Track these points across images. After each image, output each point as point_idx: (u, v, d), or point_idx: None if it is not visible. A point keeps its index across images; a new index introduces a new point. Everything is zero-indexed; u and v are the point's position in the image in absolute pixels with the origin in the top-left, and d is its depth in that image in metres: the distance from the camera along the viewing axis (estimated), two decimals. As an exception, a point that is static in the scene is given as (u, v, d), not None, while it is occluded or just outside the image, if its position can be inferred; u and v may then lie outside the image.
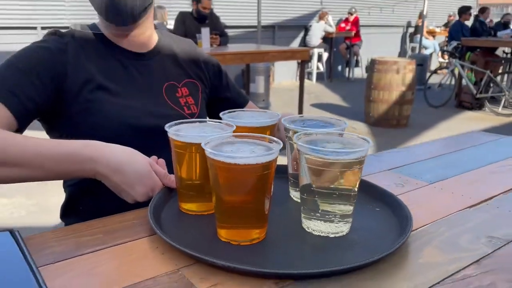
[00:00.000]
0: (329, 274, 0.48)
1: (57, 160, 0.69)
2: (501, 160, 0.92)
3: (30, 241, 0.49)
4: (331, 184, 0.56)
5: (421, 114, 5.82)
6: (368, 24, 9.63)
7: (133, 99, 0.89)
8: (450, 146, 1.09)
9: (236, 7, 7.57)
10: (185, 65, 1.01)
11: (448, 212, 0.67)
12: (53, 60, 0.84)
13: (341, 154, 0.55)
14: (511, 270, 0.51)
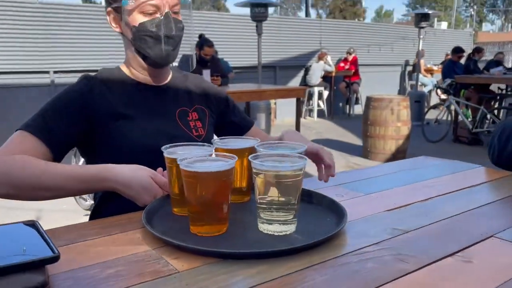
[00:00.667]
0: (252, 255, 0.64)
1: (83, 182, 0.91)
2: (427, 179, 1.10)
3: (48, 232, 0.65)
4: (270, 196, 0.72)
5: (419, 149, 5.96)
6: (368, 63, 9.98)
7: (150, 123, 1.06)
8: (396, 167, 1.26)
9: (239, 49, 7.95)
10: (195, 93, 1.18)
11: (370, 213, 0.84)
12: (82, 101, 1.02)
13: (277, 167, 0.72)
14: (398, 248, 0.67)
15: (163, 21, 1.02)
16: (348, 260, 0.65)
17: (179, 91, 1.17)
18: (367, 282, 0.58)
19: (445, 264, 0.63)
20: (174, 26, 1.04)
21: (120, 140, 1.03)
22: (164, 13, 1.02)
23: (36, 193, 0.91)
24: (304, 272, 0.61)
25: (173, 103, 1.14)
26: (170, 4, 1.03)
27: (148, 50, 1.05)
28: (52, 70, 6.09)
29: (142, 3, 1.01)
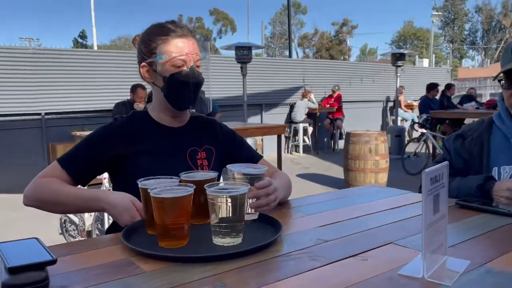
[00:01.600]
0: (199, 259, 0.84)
1: (84, 201, 1.20)
2: (363, 202, 1.34)
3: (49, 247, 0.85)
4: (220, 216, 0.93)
5: (399, 181, 6.19)
6: (351, 99, 10.39)
7: (164, 160, 1.28)
8: (343, 194, 1.49)
9: (226, 88, 8.29)
10: (205, 135, 1.40)
11: (305, 228, 1.06)
12: (106, 142, 1.30)
13: (224, 192, 0.94)
14: (315, 252, 0.87)
15: (189, 72, 1.27)
16: (277, 260, 0.86)
17: (192, 133, 1.39)
18: (285, 272, 0.79)
19: (346, 262, 0.85)
20: (198, 76, 1.29)
21: (136, 173, 1.20)
22: (190, 66, 1.28)
23: (53, 207, 1.24)
24: (240, 269, 0.81)
25: (186, 143, 1.35)
26: (195, 59, 1.29)
27: (174, 95, 1.29)
28: (44, 112, 6.31)
29: (173, 58, 1.26)
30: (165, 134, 1.35)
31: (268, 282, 0.76)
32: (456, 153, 1.52)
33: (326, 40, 41.57)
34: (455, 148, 1.53)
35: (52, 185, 1.22)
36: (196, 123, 1.43)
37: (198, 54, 1.31)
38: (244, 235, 0.97)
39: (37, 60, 6.27)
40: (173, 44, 1.27)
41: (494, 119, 1.49)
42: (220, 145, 1.42)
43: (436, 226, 0.80)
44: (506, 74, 1.40)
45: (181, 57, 1.27)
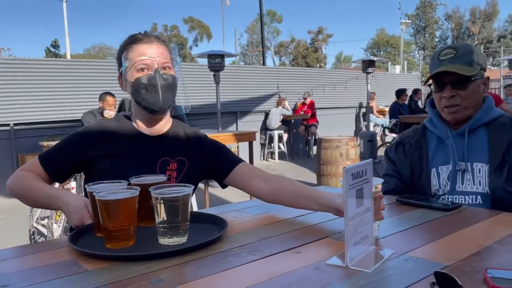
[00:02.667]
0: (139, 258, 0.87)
1: (47, 197, 1.24)
2: None
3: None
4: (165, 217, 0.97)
5: (370, 184, 6.34)
6: (324, 106, 10.56)
7: (133, 168, 1.24)
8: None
9: (200, 96, 8.32)
10: (181, 146, 1.39)
11: (251, 227, 1.11)
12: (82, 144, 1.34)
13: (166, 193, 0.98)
14: (254, 247, 0.90)
15: (154, 75, 1.28)
16: (217, 256, 0.90)
17: (168, 143, 1.39)
18: (223, 266, 0.84)
19: (280, 255, 0.90)
20: (161, 78, 1.29)
21: (102, 177, 1.21)
22: (154, 69, 1.29)
23: (25, 200, 1.30)
24: (179, 265, 0.86)
25: (159, 153, 1.35)
26: (160, 63, 1.30)
27: (143, 99, 1.30)
28: (12, 123, 6.21)
29: (136, 62, 1.29)
30: (140, 142, 1.36)
31: (203, 275, 0.80)
32: (400, 161, 1.60)
33: (302, 48, 42.11)
34: (398, 157, 1.61)
35: (26, 180, 1.28)
36: (176, 132, 1.43)
37: (166, 57, 1.33)
38: (191, 233, 1.01)
39: (5, 70, 6.17)
40: (136, 50, 1.31)
41: (427, 124, 1.59)
42: (196, 157, 1.41)
43: (361, 218, 0.87)
44: (435, 79, 1.51)
45: (143, 61, 1.29)
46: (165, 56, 1.33)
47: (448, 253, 0.88)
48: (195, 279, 0.79)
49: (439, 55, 1.50)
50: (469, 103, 1.47)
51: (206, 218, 1.15)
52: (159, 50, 1.32)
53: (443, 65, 1.47)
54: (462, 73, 1.42)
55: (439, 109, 1.53)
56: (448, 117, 1.50)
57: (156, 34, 1.39)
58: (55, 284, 0.79)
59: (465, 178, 1.44)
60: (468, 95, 1.46)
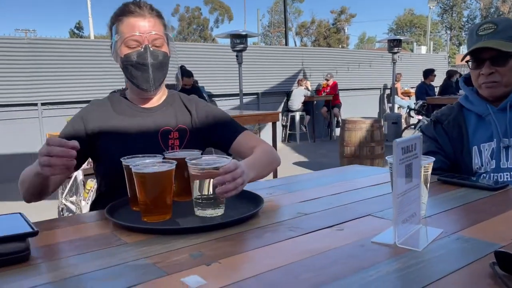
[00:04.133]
0: (179, 231, 0.86)
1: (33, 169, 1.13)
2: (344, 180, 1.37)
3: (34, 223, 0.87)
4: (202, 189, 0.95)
5: (394, 167, 6.23)
6: (348, 87, 10.38)
7: (134, 141, 1.26)
8: (326, 173, 1.52)
9: (222, 77, 8.28)
10: (180, 114, 1.35)
11: (286, 204, 1.08)
12: (82, 124, 1.30)
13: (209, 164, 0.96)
14: (293, 223, 0.88)
15: (143, 52, 1.23)
16: (255, 231, 0.88)
17: (166, 112, 1.35)
18: (262, 242, 0.81)
19: (322, 232, 0.87)
20: (151, 55, 1.23)
21: (105, 155, 1.25)
22: (144, 46, 1.23)
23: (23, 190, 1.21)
24: (218, 239, 0.84)
25: (158, 123, 1.31)
26: (150, 39, 1.23)
27: (132, 77, 1.26)
28: (40, 103, 6.31)
29: (125, 38, 1.23)
30: (137, 115, 1.33)
31: (243, 251, 0.78)
32: (441, 138, 1.54)
33: (324, 29, 41.35)
34: (438, 134, 1.54)
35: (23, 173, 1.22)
36: (172, 101, 1.38)
37: (159, 33, 1.26)
38: (226, 209, 0.99)
39: (32, 50, 6.25)
40: (127, 23, 1.24)
41: (463, 103, 1.52)
42: (196, 124, 1.37)
43: (409, 195, 0.82)
44: (473, 55, 1.43)
45: (133, 36, 1.23)
46: (158, 31, 1.26)
47: (502, 233, 0.83)
48: (235, 254, 0.77)
49: (478, 30, 1.42)
50: (509, 80, 1.40)
51: (240, 194, 1.12)
52: (151, 24, 1.25)
53: (482, 40, 1.39)
54: (502, 49, 1.35)
55: (476, 86, 1.47)
56: (486, 92, 1.44)
57: (150, 6, 1.29)
58: (96, 255, 0.78)
59: (510, 155, 1.38)
60: (508, 71, 1.39)
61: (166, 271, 0.69)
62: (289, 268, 0.69)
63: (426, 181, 0.95)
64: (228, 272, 0.69)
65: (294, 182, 1.35)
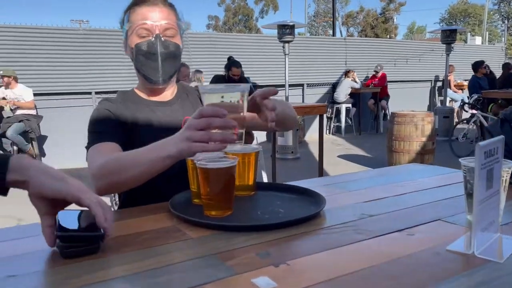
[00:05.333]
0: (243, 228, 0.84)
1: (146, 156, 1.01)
2: (406, 180, 1.30)
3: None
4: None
5: (445, 164, 5.95)
6: (396, 79, 10.05)
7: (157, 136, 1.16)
8: (384, 171, 1.46)
9: (267, 68, 8.25)
10: (196, 105, 1.34)
11: (348, 203, 1.05)
12: (114, 115, 1.23)
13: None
14: (359, 225, 0.84)
15: (153, 42, 1.18)
16: (319, 233, 0.86)
17: (183, 105, 1.32)
18: (329, 244, 0.79)
19: (391, 236, 0.83)
20: (162, 46, 1.18)
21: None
22: (155, 35, 1.18)
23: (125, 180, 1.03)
24: (284, 238, 0.82)
25: (178, 116, 1.28)
26: (161, 29, 1.19)
27: (142, 68, 1.22)
28: (94, 91, 6.56)
29: (136, 26, 1.19)
30: (155, 110, 1.28)
31: (311, 252, 0.76)
32: (509, 137, 1.44)
33: (372, 18, 40.16)
34: (506, 134, 1.44)
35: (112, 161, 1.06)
36: (185, 94, 1.36)
37: (171, 23, 1.21)
38: (286, 207, 0.98)
39: (87, 41, 6.49)
40: (138, 12, 1.21)
41: None
42: None
43: (488, 202, 0.77)
44: None
45: (143, 25, 1.19)
46: (170, 21, 1.21)
47: None
48: (303, 255, 0.75)
49: None
50: None
51: (299, 191, 1.11)
52: (163, 14, 1.21)
53: None
54: None
55: None
56: None
57: None
58: (164, 250, 0.78)
59: None
60: None
61: (235, 270, 0.69)
62: (365, 273, 0.67)
63: (505, 186, 0.88)
64: (298, 275, 0.67)
65: (352, 181, 1.31)
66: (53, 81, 6.37)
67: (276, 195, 1.11)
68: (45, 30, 6.46)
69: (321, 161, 4.42)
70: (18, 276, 0.68)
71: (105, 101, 1.29)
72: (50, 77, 6.35)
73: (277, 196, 1.10)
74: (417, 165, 1.55)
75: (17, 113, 5.68)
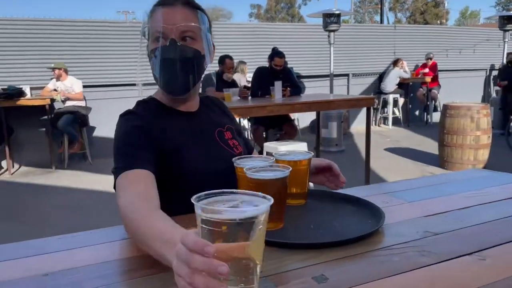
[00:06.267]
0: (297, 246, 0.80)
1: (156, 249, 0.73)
2: (471, 190, 1.19)
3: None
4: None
5: (502, 159, 5.64)
6: (448, 68, 9.57)
7: (196, 150, 1.11)
8: (445, 178, 1.36)
9: (311, 58, 8.09)
10: (222, 115, 1.27)
11: (408, 218, 0.97)
12: (146, 133, 1.06)
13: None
14: (423, 246, 0.78)
15: (167, 47, 1.04)
16: (379, 253, 0.79)
17: (210, 114, 1.23)
18: (391, 269, 0.72)
19: (460, 260, 0.75)
20: (176, 51, 1.04)
21: (181, 170, 1.07)
22: (169, 40, 1.04)
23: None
24: (341, 260, 0.76)
25: (209, 126, 1.19)
26: (178, 32, 1.05)
27: (158, 75, 1.08)
28: (141, 83, 6.70)
29: (152, 30, 1.07)
30: (186, 121, 1.16)
31: (372, 279, 0.70)
32: None
33: (421, 3, 38.46)
34: None
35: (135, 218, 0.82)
36: (208, 103, 1.27)
37: (190, 26, 1.06)
38: (340, 221, 0.92)
39: (134, 33, 6.62)
40: (155, 15, 1.08)
41: None
42: (234, 124, 1.30)
43: None
44: None
45: (158, 28, 1.05)
46: (189, 23, 1.06)
47: None
48: (365, 282, 0.69)
49: None
50: None
51: (354, 202, 1.04)
52: (181, 16, 1.06)
53: None
54: None
55: None
56: None
57: None
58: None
59: None
60: None
61: (290, 297, 0.64)
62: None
63: None
64: (360, 306, 0.62)
65: (411, 189, 1.22)
66: (101, 73, 6.57)
67: (328, 206, 1.05)
68: (93, 23, 6.65)
69: (368, 157, 4.28)
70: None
71: (130, 114, 1.13)
72: (98, 69, 6.55)
73: (330, 207, 1.04)
74: (483, 171, 1.43)
75: (67, 105, 5.90)
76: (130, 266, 0.79)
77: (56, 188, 4.95)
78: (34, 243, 0.90)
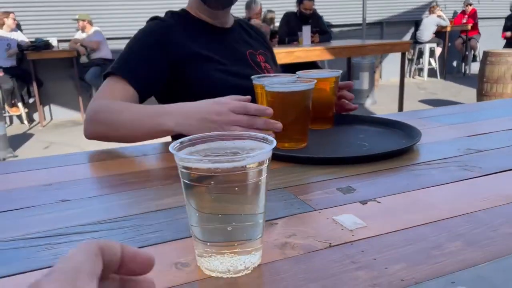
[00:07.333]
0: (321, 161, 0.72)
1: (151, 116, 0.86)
2: (507, 115, 1.08)
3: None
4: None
5: (545, 109, 5.30)
6: (489, 16, 8.94)
7: (226, 64, 1.09)
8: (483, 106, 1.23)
9: (341, 5, 7.70)
10: (256, 38, 1.24)
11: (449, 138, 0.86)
12: (160, 45, 1.04)
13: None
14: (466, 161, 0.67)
15: None
16: (413, 168, 0.71)
17: (243, 35, 1.21)
18: (428, 181, 0.64)
19: (509, 174, 0.66)
20: None
21: (201, 81, 1.05)
22: None
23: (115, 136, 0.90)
24: (371, 174, 0.68)
25: (241, 45, 1.17)
26: None
27: None
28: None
29: None
30: (218, 36, 1.14)
31: (408, 189, 0.62)
32: None
33: None
34: None
35: (111, 109, 0.91)
36: (241, 26, 1.24)
37: None
38: (371, 141, 0.83)
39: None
40: None
41: None
42: (268, 51, 1.27)
43: None
44: None
45: None
46: None
47: None
48: (398, 192, 0.61)
49: None
50: None
51: (388, 124, 0.95)
52: None
53: None
54: None
55: None
56: None
57: None
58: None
59: None
60: None
61: (312, 205, 0.57)
62: (478, 217, 0.52)
63: None
64: (392, 214, 0.54)
65: (450, 114, 1.11)
66: (126, 25, 6.49)
67: (358, 129, 0.96)
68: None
69: (401, 109, 4.10)
70: (70, 201, 0.62)
71: (158, 21, 1.10)
72: (123, 21, 6.47)
73: (360, 129, 0.95)
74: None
75: (93, 58, 5.90)
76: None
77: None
78: (41, 159, 0.86)
